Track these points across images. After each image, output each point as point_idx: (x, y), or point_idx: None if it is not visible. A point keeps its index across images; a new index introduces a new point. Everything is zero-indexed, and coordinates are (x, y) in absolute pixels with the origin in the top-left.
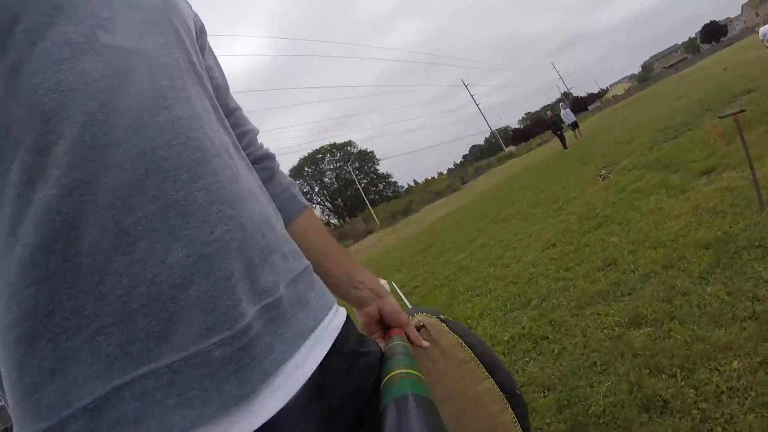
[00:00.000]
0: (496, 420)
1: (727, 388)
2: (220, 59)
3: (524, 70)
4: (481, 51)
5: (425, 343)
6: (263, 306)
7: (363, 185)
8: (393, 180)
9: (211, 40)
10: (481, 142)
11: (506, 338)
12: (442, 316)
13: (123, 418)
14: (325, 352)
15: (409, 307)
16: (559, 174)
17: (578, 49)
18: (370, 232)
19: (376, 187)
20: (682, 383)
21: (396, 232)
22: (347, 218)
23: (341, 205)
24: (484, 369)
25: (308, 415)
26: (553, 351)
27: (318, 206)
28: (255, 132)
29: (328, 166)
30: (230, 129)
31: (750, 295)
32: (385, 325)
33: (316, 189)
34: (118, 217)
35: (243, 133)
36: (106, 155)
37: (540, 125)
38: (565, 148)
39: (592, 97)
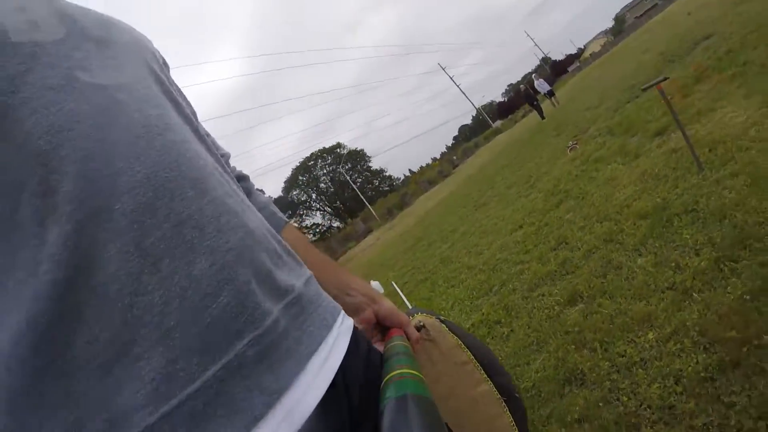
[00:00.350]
0: (495, 422)
1: (639, 359)
2: (195, 87)
3: (499, 44)
4: (454, 32)
5: (419, 346)
6: (286, 304)
7: (358, 184)
8: (388, 174)
9: (187, 69)
10: (469, 121)
11: (468, 325)
12: (441, 317)
13: None
14: (347, 343)
15: (410, 307)
16: (535, 148)
17: (550, 12)
18: (370, 231)
19: (372, 184)
20: (600, 356)
21: (393, 228)
22: (349, 219)
23: (341, 208)
24: (483, 371)
25: (338, 405)
26: (503, 334)
27: (318, 212)
28: (228, 156)
29: (321, 172)
30: (213, 150)
31: (673, 264)
32: (383, 328)
33: (314, 196)
34: (137, 240)
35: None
36: (114, 184)
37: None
38: (543, 118)
39: (570, 59)
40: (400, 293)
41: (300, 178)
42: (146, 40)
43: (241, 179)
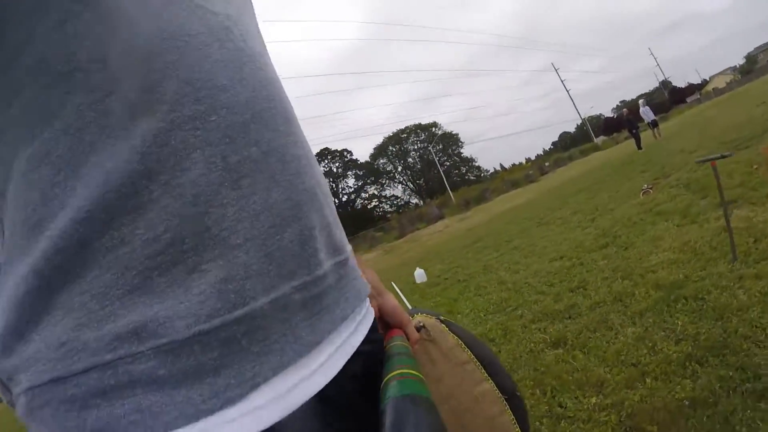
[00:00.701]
0: (496, 421)
1: (571, 415)
2: (316, 42)
3: (619, 56)
4: (575, 32)
5: (418, 347)
6: (336, 262)
7: (445, 168)
8: (476, 164)
9: (309, 25)
10: (572, 130)
11: None
12: (442, 317)
13: (199, 367)
14: (372, 322)
15: (410, 307)
16: (617, 179)
17: (681, 33)
18: (442, 217)
19: (459, 170)
20: (545, 400)
21: (464, 221)
22: (427, 200)
23: (423, 186)
24: (483, 370)
25: (357, 376)
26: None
27: (400, 185)
28: None
29: (412, 146)
30: None
31: (650, 345)
32: (384, 324)
33: (399, 168)
34: (225, 154)
35: None
36: (215, 97)
37: (620, 121)
38: (640, 148)
39: (691, 88)
40: (400, 294)
41: (390, 148)
42: None
43: None
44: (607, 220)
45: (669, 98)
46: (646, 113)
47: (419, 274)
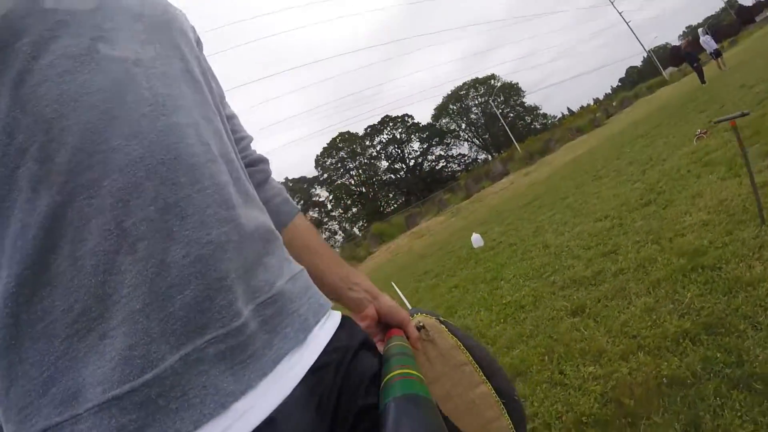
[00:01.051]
0: (492, 425)
1: (567, 383)
2: (352, 17)
3: None
4: None
5: (419, 345)
6: (258, 304)
7: (509, 119)
8: (542, 111)
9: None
10: (639, 63)
11: (505, 301)
12: (441, 318)
13: (122, 427)
14: (323, 346)
15: (410, 307)
16: (676, 121)
17: None
18: (507, 173)
19: (523, 120)
20: (549, 367)
21: (528, 175)
22: (495, 153)
23: (489, 141)
24: (481, 373)
25: (306, 410)
26: (516, 319)
27: (466, 143)
28: (250, 139)
29: (472, 102)
30: (230, 135)
31: (655, 318)
32: (384, 326)
33: (463, 125)
34: (119, 219)
35: (239, 140)
36: (106, 161)
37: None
38: (704, 83)
39: (759, 6)
40: (400, 294)
41: (451, 106)
42: (182, 17)
43: (260, 162)
44: (657, 172)
45: (737, 19)
46: (707, 43)
47: (476, 239)
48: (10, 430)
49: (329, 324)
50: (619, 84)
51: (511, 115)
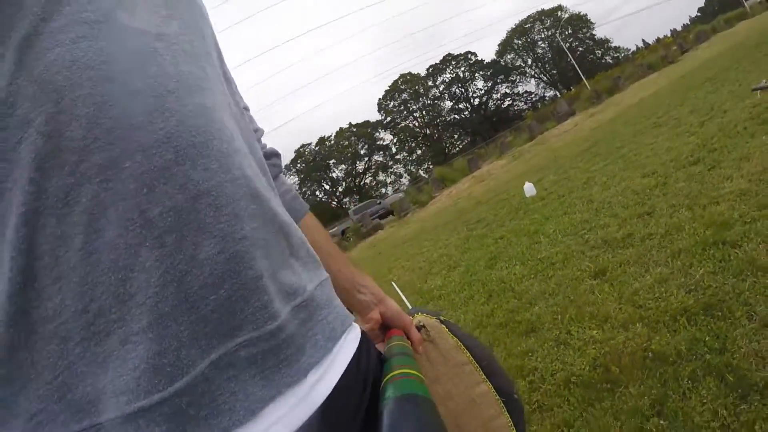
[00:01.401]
0: (493, 423)
1: (569, 343)
2: None
3: None
4: None
5: (421, 348)
6: (295, 306)
7: (578, 53)
8: (613, 45)
9: None
10: None
11: (540, 257)
12: (442, 318)
13: None
14: (350, 358)
15: (410, 307)
16: (746, 66)
17: None
18: (572, 113)
19: (593, 54)
20: (558, 327)
21: (593, 116)
22: (564, 90)
23: (557, 77)
24: (482, 372)
25: (332, 420)
26: (545, 275)
27: (533, 80)
28: (261, 132)
29: (538, 36)
30: (248, 127)
31: (663, 289)
32: (386, 328)
33: (529, 62)
34: (143, 207)
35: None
36: (128, 138)
37: None
38: None
39: None
40: (400, 293)
41: (515, 41)
42: (203, 5)
43: (273, 155)
44: (714, 126)
45: None
46: None
47: (528, 188)
48: None
49: (352, 336)
50: (698, 14)
51: (580, 49)
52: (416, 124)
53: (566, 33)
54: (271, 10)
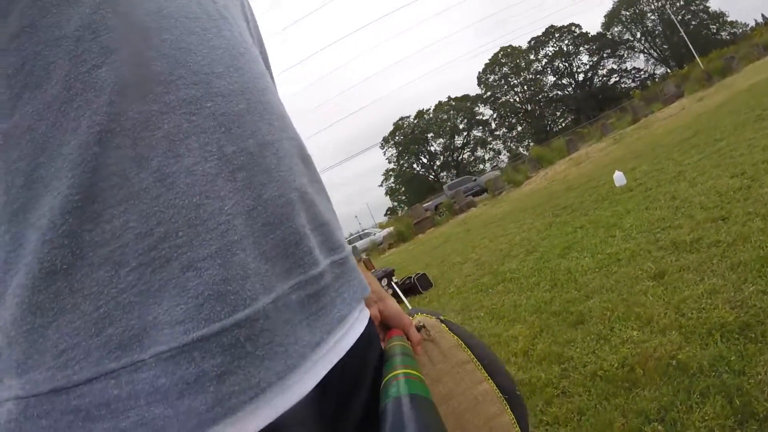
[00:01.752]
0: (495, 421)
1: (605, 340)
2: None
3: None
4: None
5: (420, 349)
6: (333, 261)
7: (691, 27)
8: (729, 19)
9: None
10: None
11: (609, 251)
12: (442, 317)
13: (203, 374)
14: (366, 322)
15: (409, 307)
16: None
17: None
18: (680, 96)
19: (708, 29)
20: (603, 326)
21: (701, 101)
22: (676, 68)
23: (668, 53)
24: (483, 370)
25: (350, 377)
26: (608, 271)
27: (642, 55)
28: None
29: (647, 7)
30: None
31: (709, 302)
32: (385, 326)
33: (638, 35)
34: (221, 143)
35: None
36: (210, 83)
37: None
38: None
39: None
40: (400, 293)
41: (623, 12)
42: None
43: None
44: None
45: None
46: None
47: (618, 177)
48: (37, 378)
49: (366, 312)
50: None
51: (694, 23)
52: (517, 99)
53: (678, 5)
54: None
